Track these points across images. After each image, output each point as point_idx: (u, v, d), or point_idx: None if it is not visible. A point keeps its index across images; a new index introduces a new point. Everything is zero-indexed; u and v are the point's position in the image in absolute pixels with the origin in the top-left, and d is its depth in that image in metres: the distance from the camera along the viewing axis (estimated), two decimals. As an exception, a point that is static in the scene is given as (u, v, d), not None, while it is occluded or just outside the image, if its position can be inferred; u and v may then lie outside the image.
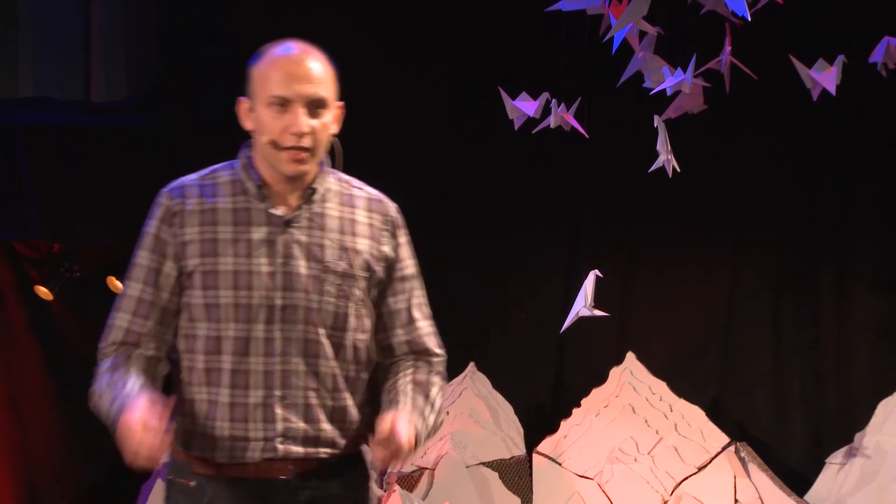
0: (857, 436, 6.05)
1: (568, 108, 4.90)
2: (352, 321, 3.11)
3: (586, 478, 5.95)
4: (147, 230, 3.15)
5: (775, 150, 6.35)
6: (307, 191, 3.13)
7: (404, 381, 3.18)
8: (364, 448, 3.20)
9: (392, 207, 3.25)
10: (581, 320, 5.00)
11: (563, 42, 5.12)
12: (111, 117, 6.33)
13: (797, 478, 6.15)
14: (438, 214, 6.46)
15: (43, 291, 6.15)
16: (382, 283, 3.19)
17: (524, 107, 4.91)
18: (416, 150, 6.39)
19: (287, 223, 3.10)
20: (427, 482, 5.78)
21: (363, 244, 3.15)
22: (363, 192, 3.24)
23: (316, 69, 3.08)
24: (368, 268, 3.14)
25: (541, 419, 6.35)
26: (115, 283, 6.16)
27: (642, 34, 4.64)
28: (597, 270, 4.95)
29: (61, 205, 6.08)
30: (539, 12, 5.02)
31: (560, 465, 6.00)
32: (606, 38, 4.61)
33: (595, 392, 6.23)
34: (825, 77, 4.60)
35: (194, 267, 3.08)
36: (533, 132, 5.01)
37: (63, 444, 6.31)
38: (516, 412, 6.25)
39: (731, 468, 5.95)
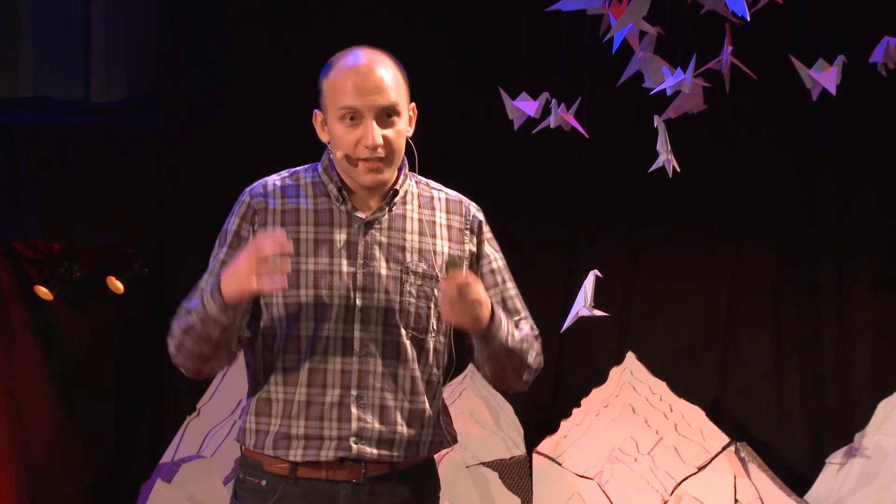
0: (857, 436, 6.05)
1: (568, 108, 4.89)
2: (433, 323, 3.13)
3: (586, 478, 5.95)
4: (228, 227, 3.15)
5: (775, 150, 6.34)
6: (389, 193, 3.14)
7: None
8: (436, 457, 3.21)
9: (472, 207, 3.27)
10: (581, 320, 4.99)
11: (563, 42, 5.12)
12: (111, 117, 6.33)
13: (797, 478, 6.15)
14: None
15: (43, 291, 6.15)
16: None
17: (524, 107, 4.91)
18: (415, 150, 6.38)
19: (368, 225, 3.11)
20: (427, 482, 5.78)
21: (443, 246, 3.17)
22: (443, 193, 3.27)
23: (385, 76, 3.12)
24: None
25: (541, 419, 6.35)
26: (115, 284, 6.16)
27: (642, 34, 4.64)
28: (597, 270, 4.95)
29: (61, 205, 6.07)
30: (539, 12, 5.01)
31: (560, 465, 6.00)
32: (606, 38, 4.61)
33: (595, 392, 6.22)
34: (825, 77, 4.60)
35: None
36: (533, 132, 5.01)
37: (63, 444, 6.31)
38: (516, 412, 6.25)
39: (731, 468, 5.95)
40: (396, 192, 3.16)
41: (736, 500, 5.86)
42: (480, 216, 3.28)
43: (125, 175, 6.18)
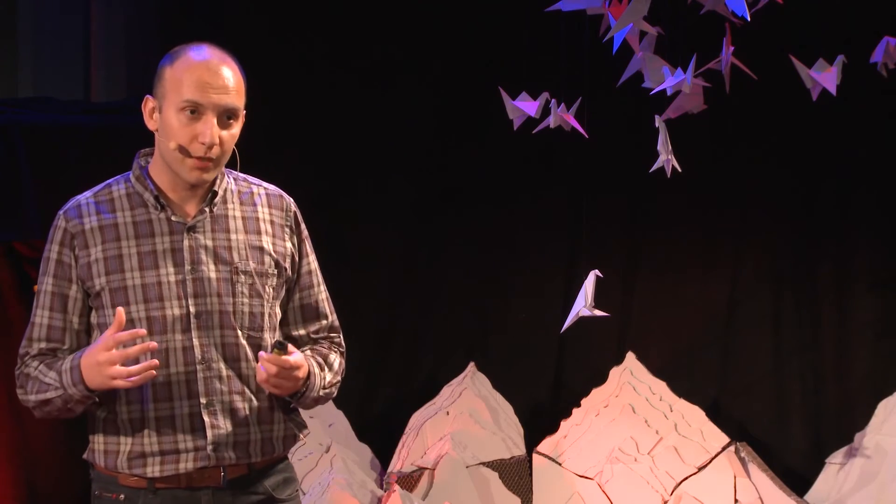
0: (857, 436, 6.05)
1: (568, 108, 4.89)
2: (266, 320, 3.11)
3: (586, 478, 5.95)
4: (48, 255, 3.12)
5: (775, 150, 6.35)
6: (208, 194, 3.10)
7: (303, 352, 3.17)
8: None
9: (291, 202, 3.23)
10: (581, 320, 4.99)
11: (563, 42, 5.12)
12: (111, 117, 6.33)
13: (797, 478, 6.15)
14: (439, 214, 6.46)
15: (43, 291, 6.13)
16: (290, 279, 3.18)
17: (524, 107, 4.91)
18: (416, 151, 6.39)
19: (190, 229, 3.07)
20: (427, 482, 5.78)
21: (268, 242, 3.14)
22: (262, 188, 3.22)
23: (231, 78, 3.05)
24: (277, 264, 3.14)
25: (541, 419, 6.35)
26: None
27: (642, 34, 4.64)
28: (597, 270, 4.94)
29: (61, 205, 6.06)
30: (539, 12, 5.01)
31: (560, 465, 6.00)
32: (606, 38, 4.61)
33: (595, 392, 6.23)
34: (825, 77, 4.60)
35: (102, 286, 3.05)
36: (533, 132, 5.01)
37: (63, 444, 6.30)
38: (516, 412, 6.25)
39: (731, 468, 5.95)
40: (216, 194, 3.11)
41: (736, 500, 5.86)
42: (299, 213, 3.24)
43: (125, 175, 6.17)
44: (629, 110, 5.82)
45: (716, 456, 5.98)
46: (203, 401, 3.04)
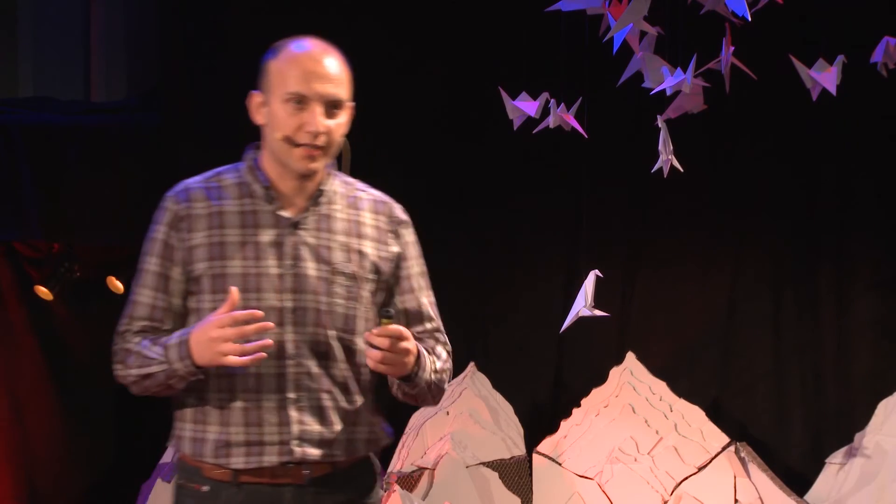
0: (857, 436, 6.05)
1: (568, 108, 4.89)
2: (360, 323, 3.11)
3: (586, 478, 5.95)
4: (154, 236, 3.12)
5: (775, 149, 6.35)
6: (315, 192, 3.12)
7: None
8: (373, 454, 3.21)
9: (397, 208, 3.26)
10: (581, 320, 4.99)
11: (563, 42, 5.12)
12: (111, 117, 6.33)
13: (797, 478, 6.15)
14: (439, 214, 6.46)
15: (43, 291, 6.15)
16: (390, 284, 3.19)
17: (524, 107, 4.91)
18: (416, 151, 6.40)
19: (295, 225, 3.09)
20: (427, 482, 5.78)
21: (369, 246, 3.15)
22: (367, 193, 3.24)
23: (335, 69, 3.10)
24: (376, 270, 3.15)
25: (541, 419, 6.35)
26: (115, 284, 6.16)
27: (642, 34, 4.64)
28: (597, 270, 4.95)
29: (61, 205, 6.07)
30: (539, 12, 5.02)
31: (560, 465, 6.00)
32: (606, 38, 4.61)
33: (595, 392, 6.22)
34: (825, 77, 4.60)
35: (202, 271, 3.06)
36: (533, 132, 5.01)
37: (63, 444, 6.31)
38: (516, 412, 6.25)
39: (731, 468, 5.95)
40: (322, 192, 3.13)
41: (736, 500, 5.86)
42: (405, 217, 3.26)
43: (125, 175, 6.19)
44: (629, 110, 5.81)
45: (716, 456, 5.98)
46: (292, 395, 3.04)
